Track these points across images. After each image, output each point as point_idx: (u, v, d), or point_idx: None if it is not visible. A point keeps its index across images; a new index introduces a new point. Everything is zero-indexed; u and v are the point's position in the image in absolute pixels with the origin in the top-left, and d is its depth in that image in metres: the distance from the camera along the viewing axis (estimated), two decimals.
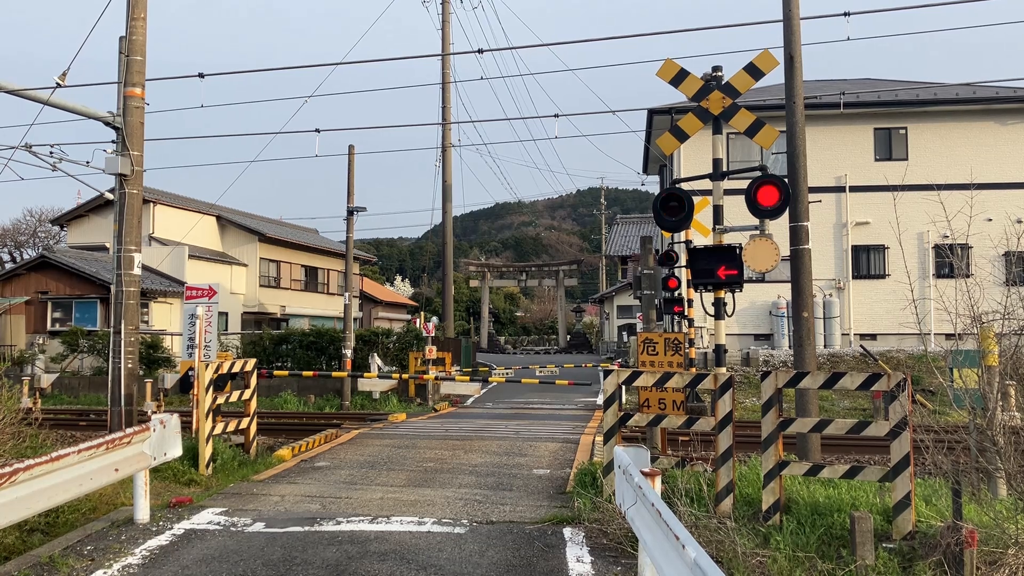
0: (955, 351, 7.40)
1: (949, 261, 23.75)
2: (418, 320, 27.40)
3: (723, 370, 9.17)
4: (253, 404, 11.75)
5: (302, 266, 42.78)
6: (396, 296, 63.31)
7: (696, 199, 10.44)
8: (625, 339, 43.81)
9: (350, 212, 23.25)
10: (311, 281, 43.65)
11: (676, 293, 20.06)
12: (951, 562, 5.83)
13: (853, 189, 26.43)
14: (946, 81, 32.48)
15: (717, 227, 9.92)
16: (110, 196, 11.86)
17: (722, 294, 10.00)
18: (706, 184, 9.97)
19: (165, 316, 31.41)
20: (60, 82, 10.75)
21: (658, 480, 5.75)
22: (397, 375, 22.84)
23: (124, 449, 7.38)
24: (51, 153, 11.72)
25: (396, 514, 8.00)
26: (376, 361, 24.16)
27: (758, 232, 9.51)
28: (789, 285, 11.03)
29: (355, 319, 29.73)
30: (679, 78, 9.95)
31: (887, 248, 26.26)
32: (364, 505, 8.44)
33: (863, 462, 11.74)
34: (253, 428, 11.73)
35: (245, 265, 38.27)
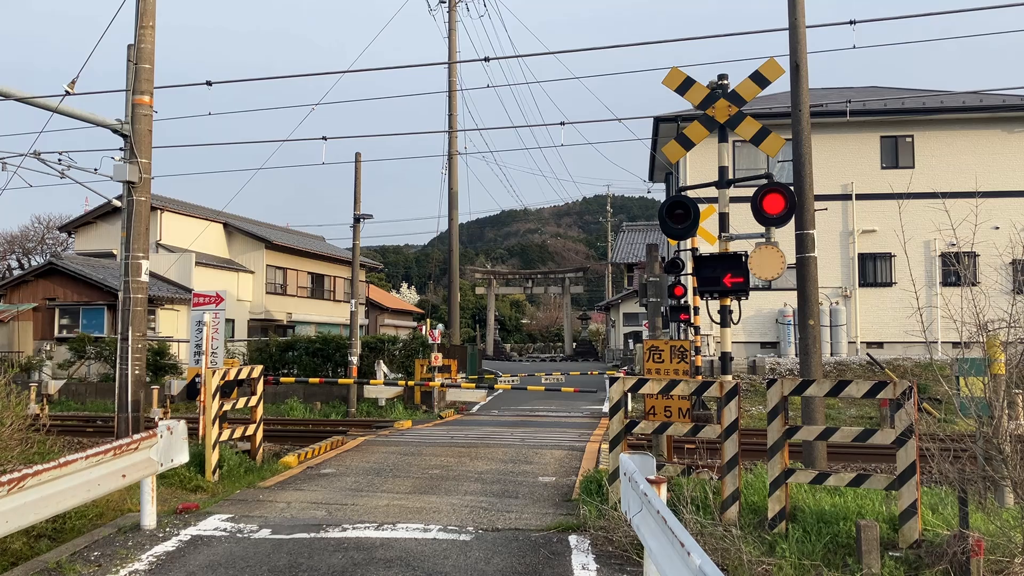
0: (961, 359, 7.39)
1: (955, 269, 23.69)
2: (424, 327, 27.44)
3: (729, 378, 9.18)
4: (259, 411, 11.78)
5: (308, 273, 42.86)
6: (402, 303, 63.37)
7: (702, 207, 10.48)
8: (631, 347, 43.77)
9: (356, 219, 23.30)
10: (317, 288, 43.74)
11: (683, 300, 20.05)
12: (957, 571, 5.82)
13: (859, 197, 26.42)
14: (953, 89, 32.45)
15: (723, 235, 9.93)
16: (118, 203, 11.92)
17: (728, 302, 10.01)
18: (712, 192, 10.00)
19: (172, 323, 31.50)
20: (69, 90, 10.83)
21: (664, 487, 5.75)
22: (403, 382, 22.85)
23: (131, 455, 7.42)
24: (59, 160, 11.82)
25: (402, 521, 8.01)
26: (382, 368, 24.17)
27: (764, 240, 9.52)
28: (795, 293, 11.03)
29: (361, 326, 29.76)
30: (685, 86, 9.98)
31: (893, 256, 26.23)
32: (370, 512, 8.45)
33: (869, 470, 11.71)
34: (259, 435, 11.76)
35: (252, 272, 38.37)
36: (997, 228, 20.86)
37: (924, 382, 17.28)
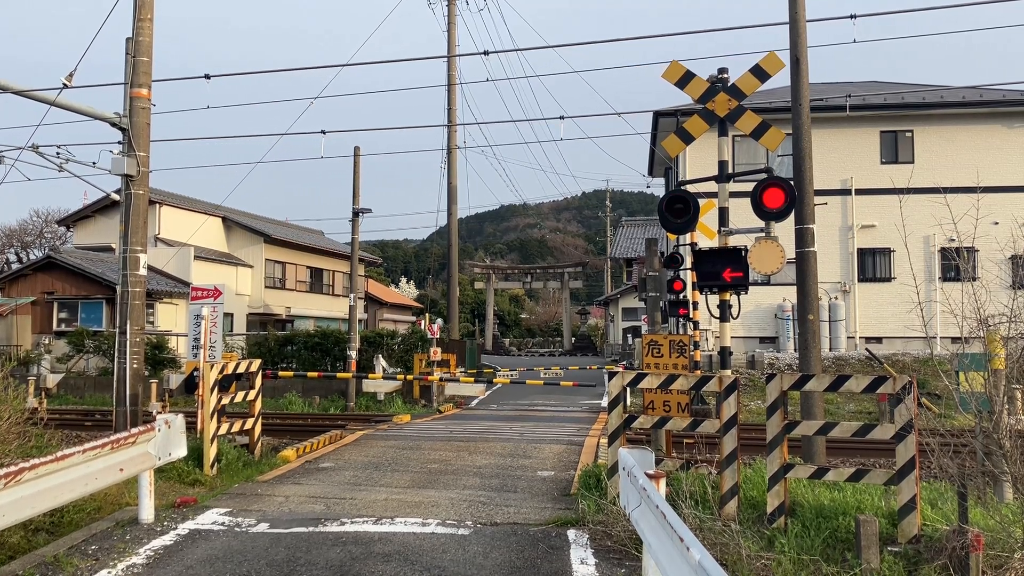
0: (961, 354, 7.38)
1: (955, 264, 23.70)
2: (423, 322, 27.42)
3: (728, 372, 9.16)
4: (258, 405, 11.75)
5: (307, 267, 42.81)
6: (401, 298, 63.34)
7: (702, 201, 10.44)
8: (630, 341, 43.78)
9: (355, 214, 23.25)
10: (316, 282, 43.69)
11: (682, 295, 20.02)
12: (957, 566, 5.81)
13: (859, 192, 26.39)
14: (952, 84, 32.43)
15: (723, 229, 9.91)
16: (116, 197, 11.90)
17: (727, 296, 9.99)
18: (711, 186, 9.96)
19: (171, 317, 31.46)
20: (67, 83, 10.77)
21: (662, 482, 5.74)
22: (402, 376, 22.83)
23: (129, 449, 7.40)
24: (58, 154, 11.75)
25: (400, 515, 8.00)
26: (381, 362, 24.16)
27: (764, 234, 9.50)
28: (795, 288, 11.01)
29: (360, 320, 29.76)
30: (685, 80, 9.94)
31: (893, 251, 26.21)
32: (368, 506, 8.44)
33: (868, 465, 11.70)
34: (258, 429, 11.74)
35: (250, 266, 38.32)
36: (997, 223, 20.85)
37: (924, 377, 17.28)
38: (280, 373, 22.26)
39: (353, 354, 22.65)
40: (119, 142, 11.51)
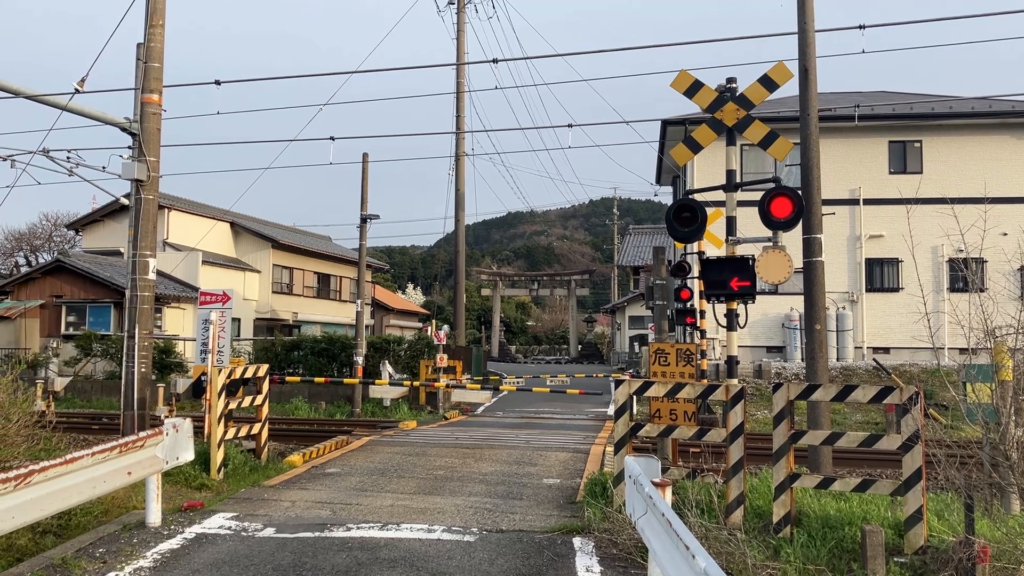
0: (968, 365, 7.37)
1: (963, 275, 23.63)
2: (429, 328, 27.47)
3: (735, 382, 9.15)
4: (265, 410, 11.79)
5: (315, 273, 42.91)
6: (408, 304, 63.40)
7: (709, 210, 10.44)
8: (636, 350, 43.73)
9: (363, 220, 23.32)
10: (324, 288, 43.79)
11: (689, 304, 20.01)
12: None
13: (867, 202, 26.36)
14: (962, 94, 32.37)
15: (730, 238, 9.91)
16: (126, 201, 11.95)
17: (735, 305, 9.98)
18: (719, 195, 9.96)
19: (178, 321, 31.56)
20: (79, 88, 10.86)
21: (668, 490, 5.74)
22: (408, 383, 22.85)
23: (137, 453, 7.43)
24: (68, 158, 11.84)
25: (406, 521, 8.01)
26: (387, 368, 24.19)
27: (771, 244, 9.50)
28: (802, 297, 11.01)
29: (367, 326, 29.73)
30: (693, 89, 9.95)
31: (901, 261, 26.16)
32: (374, 512, 8.46)
33: (875, 476, 11.67)
34: (265, 434, 11.77)
35: (258, 271, 38.42)
36: (1005, 234, 20.78)
37: (931, 388, 17.23)
38: (287, 378, 22.31)
39: (360, 360, 22.68)
40: (129, 147, 11.57)
